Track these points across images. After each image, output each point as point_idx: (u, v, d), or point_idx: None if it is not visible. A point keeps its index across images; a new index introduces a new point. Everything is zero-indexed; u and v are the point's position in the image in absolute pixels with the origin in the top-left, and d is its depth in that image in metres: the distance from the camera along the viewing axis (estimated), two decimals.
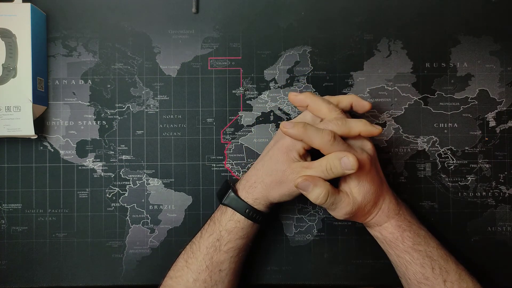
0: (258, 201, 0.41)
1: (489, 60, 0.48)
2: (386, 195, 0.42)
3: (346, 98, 0.43)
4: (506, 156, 0.48)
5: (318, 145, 0.38)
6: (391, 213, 0.41)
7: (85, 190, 0.48)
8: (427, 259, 0.40)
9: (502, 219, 0.48)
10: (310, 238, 0.48)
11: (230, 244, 0.41)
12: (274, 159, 0.40)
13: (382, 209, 0.41)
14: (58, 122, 0.48)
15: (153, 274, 0.48)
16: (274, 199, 0.41)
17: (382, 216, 0.41)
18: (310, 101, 0.41)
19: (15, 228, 0.48)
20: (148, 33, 0.49)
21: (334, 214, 0.41)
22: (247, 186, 0.42)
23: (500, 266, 0.48)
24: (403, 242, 0.41)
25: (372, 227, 0.43)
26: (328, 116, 0.40)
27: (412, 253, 0.41)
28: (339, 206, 0.39)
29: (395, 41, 0.49)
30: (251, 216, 0.41)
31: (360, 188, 0.40)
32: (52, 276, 0.48)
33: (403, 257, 0.41)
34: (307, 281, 0.48)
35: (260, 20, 0.49)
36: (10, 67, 0.44)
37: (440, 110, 0.48)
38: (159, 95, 0.49)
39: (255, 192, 0.41)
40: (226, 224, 0.41)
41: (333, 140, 0.38)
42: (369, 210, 0.41)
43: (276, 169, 0.40)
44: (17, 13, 0.45)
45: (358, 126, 0.39)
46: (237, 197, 0.41)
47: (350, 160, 0.37)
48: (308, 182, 0.38)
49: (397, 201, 0.42)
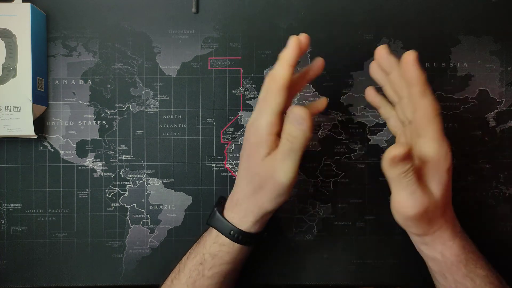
0: (246, 219, 0.37)
1: (489, 60, 0.48)
2: (452, 208, 0.36)
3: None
4: (506, 156, 0.48)
5: (427, 105, 0.33)
6: (456, 229, 0.36)
7: (85, 190, 0.48)
8: (490, 286, 0.35)
9: (502, 219, 0.48)
10: (310, 238, 0.48)
11: (214, 269, 0.37)
12: (246, 165, 0.36)
13: (448, 222, 0.35)
14: (58, 122, 0.48)
15: (153, 274, 0.48)
16: (266, 208, 0.36)
17: (448, 231, 0.35)
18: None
19: (15, 228, 0.48)
20: (148, 33, 0.49)
21: (405, 202, 0.33)
22: (232, 205, 0.38)
23: (500, 266, 0.48)
24: (466, 265, 0.35)
25: (432, 245, 0.36)
26: None
27: (475, 279, 0.35)
28: (415, 190, 0.32)
29: (395, 41, 0.49)
30: (237, 239, 0.37)
31: (439, 183, 0.33)
32: (52, 276, 0.48)
33: (463, 283, 0.35)
34: (307, 281, 0.48)
35: (260, 20, 0.49)
36: (10, 67, 0.44)
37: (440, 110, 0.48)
38: (159, 95, 0.49)
39: (241, 210, 0.37)
40: (210, 247, 0.38)
41: (439, 111, 0.33)
42: (437, 217, 0.34)
43: (251, 174, 0.36)
44: (17, 13, 0.45)
45: None
46: (222, 217, 0.38)
47: (294, 112, 0.32)
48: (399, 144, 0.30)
49: (455, 217, 0.37)
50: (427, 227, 0.35)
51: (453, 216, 0.37)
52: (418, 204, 0.33)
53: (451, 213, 0.36)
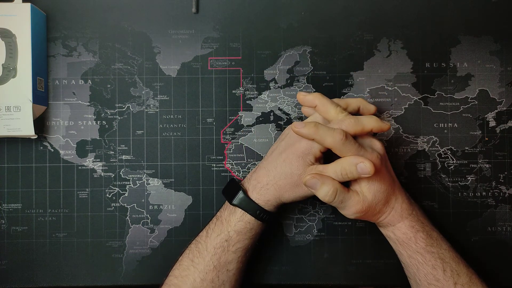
0: (269, 203, 0.41)
1: (489, 60, 0.48)
2: (399, 194, 0.42)
3: (354, 102, 0.43)
4: (506, 156, 0.48)
5: (330, 144, 0.38)
6: (404, 213, 0.41)
7: (85, 190, 0.48)
8: (439, 261, 0.40)
9: (502, 219, 0.48)
10: (310, 238, 0.48)
11: (238, 244, 0.41)
12: (289, 162, 0.40)
13: (395, 208, 0.41)
14: (58, 122, 0.48)
15: (153, 274, 0.48)
16: (286, 200, 0.41)
17: (395, 215, 0.41)
18: (319, 102, 0.41)
19: (15, 228, 0.48)
20: (148, 33, 0.49)
21: (344, 212, 0.41)
22: (258, 187, 0.41)
23: (500, 266, 0.48)
24: (416, 243, 0.41)
25: (385, 226, 0.43)
26: (335, 118, 0.40)
27: (425, 254, 0.40)
28: (348, 204, 0.39)
29: (395, 41, 0.49)
30: (261, 217, 0.41)
31: (370, 187, 0.39)
32: (52, 276, 0.48)
33: (415, 258, 0.41)
34: (307, 281, 0.48)
35: (260, 20, 0.49)
36: (10, 67, 0.44)
37: (440, 110, 0.48)
38: (159, 95, 0.49)
39: (268, 194, 0.41)
40: (235, 224, 0.41)
41: (345, 139, 0.38)
42: (380, 209, 0.41)
43: (291, 172, 0.40)
44: (17, 13, 0.45)
45: (371, 122, 0.39)
46: (248, 198, 0.41)
47: (367, 165, 0.37)
48: (316, 180, 0.38)
49: (410, 201, 0.42)
50: (374, 218, 0.41)
51: (402, 201, 0.41)
52: (354, 213, 0.40)
53: (400, 201, 0.41)
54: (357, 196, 0.40)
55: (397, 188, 0.42)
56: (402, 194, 0.42)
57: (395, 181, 0.42)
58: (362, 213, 0.40)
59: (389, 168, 0.42)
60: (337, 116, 0.40)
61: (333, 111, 0.41)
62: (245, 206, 0.41)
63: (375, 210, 0.40)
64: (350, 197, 0.39)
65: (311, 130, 0.38)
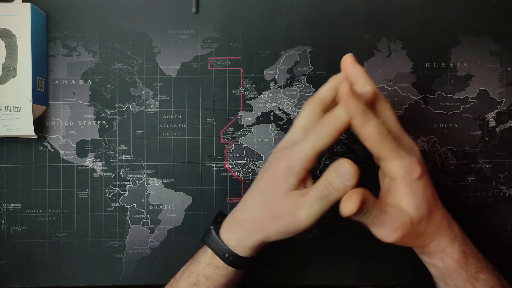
0: (243, 243, 0.34)
1: (489, 60, 0.48)
2: (443, 209, 0.35)
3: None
4: (506, 156, 0.48)
5: (369, 134, 0.31)
6: (452, 234, 0.34)
7: (85, 190, 0.48)
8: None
9: (502, 219, 0.48)
10: (310, 238, 0.48)
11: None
12: (267, 188, 0.34)
13: (442, 228, 0.34)
14: (58, 122, 0.48)
15: (153, 274, 0.48)
16: (269, 237, 0.34)
17: (444, 237, 0.34)
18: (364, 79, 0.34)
19: (15, 228, 0.48)
20: (148, 33, 0.49)
21: (382, 233, 0.33)
22: (231, 224, 0.36)
23: (500, 266, 0.48)
24: (467, 270, 0.34)
25: (431, 254, 0.35)
26: None
27: (475, 283, 0.34)
28: (385, 220, 0.32)
29: (395, 41, 0.49)
30: (231, 262, 0.35)
31: (411, 197, 0.32)
32: (52, 276, 0.48)
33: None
34: (307, 281, 0.48)
35: (260, 20, 0.49)
36: (10, 67, 0.44)
37: (440, 110, 0.48)
38: (159, 95, 0.49)
39: (240, 232, 0.35)
40: (204, 268, 0.36)
41: (387, 132, 0.31)
42: (425, 228, 0.33)
43: (269, 200, 0.33)
44: (17, 13, 0.45)
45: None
46: (217, 237, 0.35)
47: (345, 166, 0.30)
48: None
49: (451, 218, 0.36)
50: (418, 241, 0.34)
51: (447, 219, 0.35)
52: (393, 232, 0.32)
53: (444, 217, 0.34)
54: (394, 209, 0.32)
55: (439, 203, 0.35)
56: (444, 211, 0.35)
57: (436, 194, 0.34)
58: (404, 231, 0.32)
59: (429, 177, 0.34)
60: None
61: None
62: (214, 246, 0.35)
63: (418, 230, 0.33)
64: (386, 210, 0.32)
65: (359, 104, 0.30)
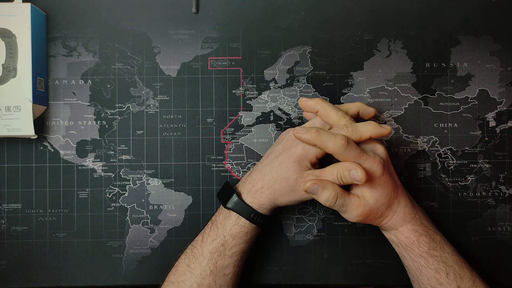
0: (264, 207, 0.41)
1: (489, 60, 0.48)
2: (402, 198, 0.42)
3: (353, 106, 0.44)
4: (506, 156, 0.48)
5: (332, 149, 0.38)
6: (407, 216, 0.41)
7: (85, 190, 0.48)
8: (442, 265, 0.40)
9: (502, 219, 0.48)
10: (310, 238, 0.48)
11: (234, 248, 0.41)
12: (285, 166, 0.40)
13: (398, 212, 0.41)
14: (58, 122, 0.48)
15: (153, 274, 0.48)
16: (281, 204, 0.41)
17: (398, 219, 0.41)
18: (321, 107, 0.42)
19: (15, 228, 0.48)
20: (148, 33, 0.49)
21: (346, 216, 0.41)
22: (253, 190, 0.41)
23: (500, 266, 0.48)
24: (418, 246, 0.41)
25: (387, 230, 0.43)
26: (337, 123, 0.41)
27: (427, 258, 0.41)
28: (350, 208, 0.40)
29: (395, 41, 0.49)
30: (256, 221, 0.41)
31: (372, 191, 0.40)
32: (52, 276, 0.48)
33: (418, 262, 0.41)
34: (307, 281, 0.48)
35: (260, 20, 0.49)
36: (10, 67, 0.44)
37: (440, 110, 0.48)
38: (159, 95, 0.49)
39: (262, 198, 0.41)
40: (230, 229, 0.41)
41: (347, 145, 0.38)
42: (382, 213, 0.41)
43: (287, 177, 0.40)
44: (17, 13, 0.45)
45: (369, 129, 0.39)
46: (242, 201, 0.41)
47: (359, 173, 0.37)
48: (317, 186, 0.38)
49: (414, 205, 0.42)
50: (375, 221, 0.42)
51: (404, 204, 0.41)
52: (354, 215, 0.40)
53: (400, 203, 0.41)
54: (358, 200, 0.40)
55: (400, 192, 0.42)
56: (405, 198, 0.42)
57: (398, 185, 0.42)
58: (363, 216, 0.40)
59: (392, 172, 0.42)
60: (339, 121, 0.41)
61: (335, 116, 0.41)
62: (239, 209, 0.41)
63: (377, 214, 0.41)
64: (351, 201, 0.40)
65: (312, 136, 0.38)
